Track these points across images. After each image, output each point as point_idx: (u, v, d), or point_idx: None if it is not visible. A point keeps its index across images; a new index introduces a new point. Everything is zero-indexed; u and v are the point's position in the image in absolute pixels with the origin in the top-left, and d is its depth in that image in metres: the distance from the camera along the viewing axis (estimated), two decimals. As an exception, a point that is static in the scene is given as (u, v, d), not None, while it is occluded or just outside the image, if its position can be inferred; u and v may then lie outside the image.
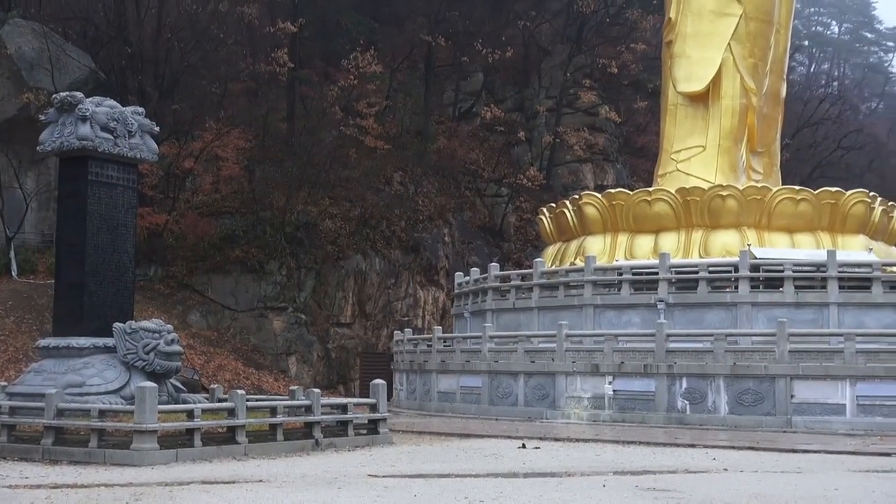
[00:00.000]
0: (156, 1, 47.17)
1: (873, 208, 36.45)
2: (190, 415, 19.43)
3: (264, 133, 49.06)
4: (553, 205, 41.24)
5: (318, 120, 50.57)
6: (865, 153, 75.57)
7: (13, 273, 41.12)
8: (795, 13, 43.38)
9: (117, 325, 21.37)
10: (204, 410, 19.96)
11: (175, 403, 20.83)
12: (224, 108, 48.76)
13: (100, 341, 21.58)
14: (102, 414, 19.08)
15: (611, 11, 63.12)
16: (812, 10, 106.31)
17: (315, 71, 53.25)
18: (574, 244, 37.82)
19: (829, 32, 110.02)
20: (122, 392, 20.63)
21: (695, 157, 38.19)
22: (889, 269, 32.47)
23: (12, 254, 41.57)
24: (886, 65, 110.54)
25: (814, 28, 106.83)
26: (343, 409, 23.33)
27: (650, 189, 37.54)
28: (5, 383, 23.67)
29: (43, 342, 22.76)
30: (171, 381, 21.91)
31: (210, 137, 45.59)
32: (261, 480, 15.99)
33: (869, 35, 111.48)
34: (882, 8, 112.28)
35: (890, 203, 38.32)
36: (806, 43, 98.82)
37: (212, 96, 49.15)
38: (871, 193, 37.28)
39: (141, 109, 24.14)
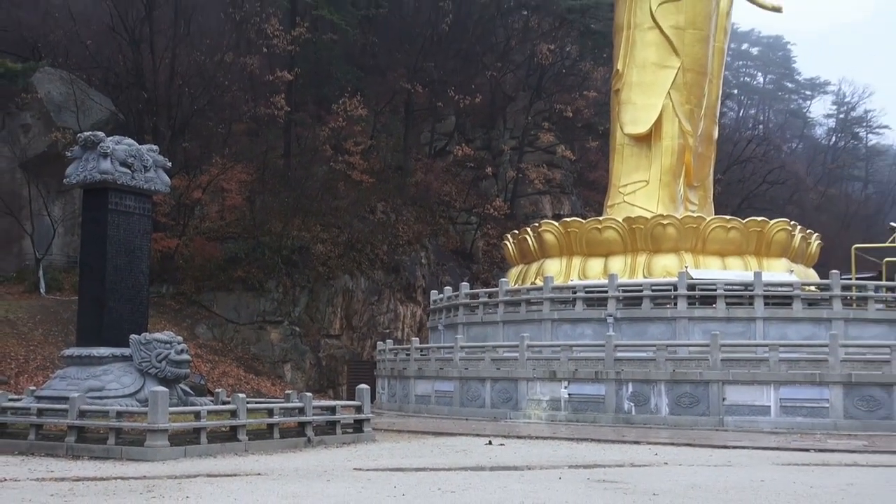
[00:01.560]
0: (169, 52, 47.13)
1: (794, 235, 36.69)
2: (197, 416, 19.37)
3: (264, 168, 49.00)
4: (516, 231, 41.33)
5: (310, 156, 50.61)
6: (787, 187, 76.12)
7: (42, 290, 40.96)
8: (726, 65, 43.66)
9: (133, 336, 21.31)
10: (209, 412, 19.92)
11: (184, 406, 20.74)
12: (228, 146, 48.68)
13: (118, 351, 21.50)
14: (119, 415, 19.00)
15: (566, 63, 63.41)
16: (740, 62, 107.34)
17: (308, 114, 53.30)
18: (534, 266, 37.86)
19: (755, 82, 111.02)
20: (137, 396, 20.56)
21: (639, 190, 38.32)
22: (807, 288, 32.70)
23: (41, 273, 41.41)
24: (804, 110, 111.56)
25: (742, 78, 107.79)
26: (332, 410, 23.30)
27: (601, 218, 37.64)
28: (34, 388, 23.52)
29: (67, 351, 22.65)
30: (181, 385, 21.83)
31: (216, 171, 45.53)
32: (259, 473, 15.93)
33: (789, 85, 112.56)
34: (800, 61, 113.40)
35: (808, 231, 38.62)
36: (735, 91, 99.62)
37: (218, 136, 49.07)
38: (792, 222, 37.59)
39: (155, 147, 24.09)
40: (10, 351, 34.03)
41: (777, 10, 43.55)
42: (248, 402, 20.64)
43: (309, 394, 23.10)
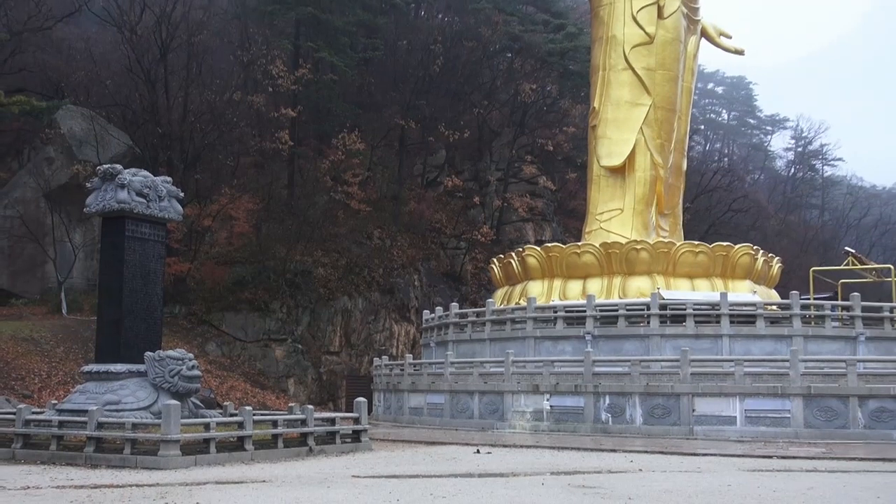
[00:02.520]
0: (182, 91, 47.21)
1: (756, 259, 36.77)
2: (206, 427, 19.30)
3: (269, 197, 48.99)
4: (502, 256, 41.33)
5: (312, 187, 50.68)
6: (750, 215, 76.38)
7: (63, 311, 40.86)
8: (693, 103, 43.86)
9: (148, 353, 21.23)
10: (218, 423, 19.82)
11: (195, 418, 20.66)
12: (236, 178, 48.70)
13: (133, 367, 21.41)
14: (135, 427, 18.90)
15: (547, 101, 63.65)
16: (706, 100, 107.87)
17: (310, 148, 53.37)
18: (518, 288, 37.85)
19: (720, 119, 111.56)
20: (151, 409, 20.45)
21: (614, 217, 38.38)
22: (769, 307, 32.76)
23: (62, 295, 41.34)
24: (766, 144, 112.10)
25: (708, 115, 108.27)
26: (332, 422, 23.21)
27: (579, 244, 37.69)
28: (55, 402, 23.43)
29: (87, 368, 22.53)
30: (192, 399, 21.73)
31: (225, 201, 45.51)
32: (264, 481, 15.85)
33: (751, 121, 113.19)
34: (761, 100, 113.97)
35: (770, 255, 38.72)
36: (702, 127, 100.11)
37: (227, 168, 49.13)
38: (755, 247, 37.66)
39: (169, 178, 24.06)
40: (33, 367, 33.92)
41: (739, 52, 43.83)
42: (254, 415, 20.56)
43: (310, 406, 23.00)
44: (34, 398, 30.38)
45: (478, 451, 22.20)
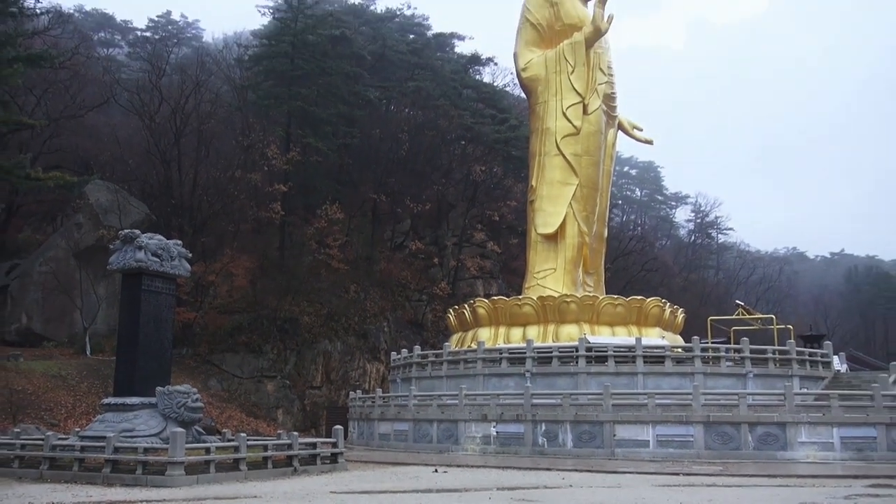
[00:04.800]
0: (192, 169, 47.18)
1: (665, 310, 37.12)
2: (207, 451, 19.03)
3: (263, 258, 48.80)
4: (456, 307, 41.30)
5: (299, 249, 50.50)
6: (659, 274, 77.14)
7: (87, 352, 40.31)
8: (612, 182, 44.50)
9: (158, 388, 20.97)
10: (217, 447, 19.56)
11: (197, 443, 20.33)
12: (236, 241, 48.49)
13: (146, 400, 21.14)
14: (146, 450, 18.61)
15: (494, 180, 64.18)
16: (623, 180, 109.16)
17: (298, 217, 53.26)
18: (470, 333, 37.82)
19: (634, 195, 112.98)
20: (160, 435, 20.14)
21: (549, 275, 38.57)
22: (676, 350, 32.99)
23: (87, 339, 40.86)
24: (671, 217, 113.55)
25: (625, 192, 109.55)
26: (313, 446, 22.98)
27: (520, 297, 37.82)
28: (78, 429, 23.05)
29: (106, 400, 22.20)
30: (196, 427, 21.42)
31: (226, 260, 45.40)
32: (255, 496, 15.57)
33: (659, 197, 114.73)
34: (667, 180, 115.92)
35: (675, 307, 39.06)
36: (620, 202, 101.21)
37: (228, 233, 48.92)
38: (663, 301, 38.04)
39: (179, 242, 23.98)
40: (60, 400, 33.24)
41: (649, 142, 44.67)
42: (247, 440, 20.30)
43: (296, 433, 22.76)
44: (60, 426, 29.74)
45: (436, 471, 21.98)
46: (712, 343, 37.30)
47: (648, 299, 37.07)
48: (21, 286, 43.02)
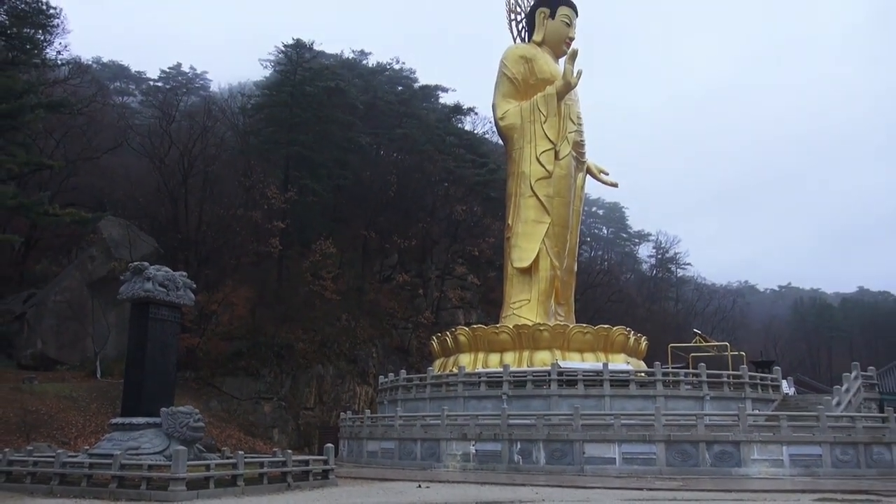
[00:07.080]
0: (198, 207, 47.11)
1: (629, 338, 37.16)
2: (207, 467, 18.78)
3: (262, 289, 48.57)
4: (440, 334, 41.14)
5: (296, 281, 50.31)
6: (624, 305, 77.29)
7: (98, 375, 39.86)
8: (581, 221, 44.74)
9: (163, 409, 20.73)
10: (217, 464, 19.31)
11: (198, 460, 20.05)
12: (237, 273, 48.31)
13: (151, 420, 20.91)
14: (150, 467, 18.34)
15: (474, 219, 64.37)
16: (591, 219, 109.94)
17: (295, 251, 53.16)
18: (452, 359, 37.68)
19: (601, 233, 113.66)
20: (164, 453, 19.87)
21: (524, 306, 38.60)
22: (639, 374, 32.96)
23: (98, 363, 40.44)
24: (635, 252, 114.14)
25: (592, 230, 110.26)
26: (306, 463, 22.72)
27: (498, 325, 37.74)
28: (87, 447, 22.66)
29: (114, 420, 21.95)
30: (197, 445, 21.16)
31: (228, 291, 45.21)
32: (252, 510, 15.34)
33: (624, 235, 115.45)
34: (631, 220, 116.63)
35: (638, 335, 39.05)
36: (588, 239, 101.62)
37: (230, 265, 48.75)
38: (628, 329, 38.04)
39: (185, 273, 23.90)
40: (71, 419, 32.75)
41: (614, 185, 44.92)
42: (245, 457, 20.09)
43: (290, 451, 22.54)
44: (71, 444, 29.29)
45: (420, 486, 21.79)
46: (673, 368, 37.31)
47: (614, 328, 37.09)
48: (37, 314, 42.57)
